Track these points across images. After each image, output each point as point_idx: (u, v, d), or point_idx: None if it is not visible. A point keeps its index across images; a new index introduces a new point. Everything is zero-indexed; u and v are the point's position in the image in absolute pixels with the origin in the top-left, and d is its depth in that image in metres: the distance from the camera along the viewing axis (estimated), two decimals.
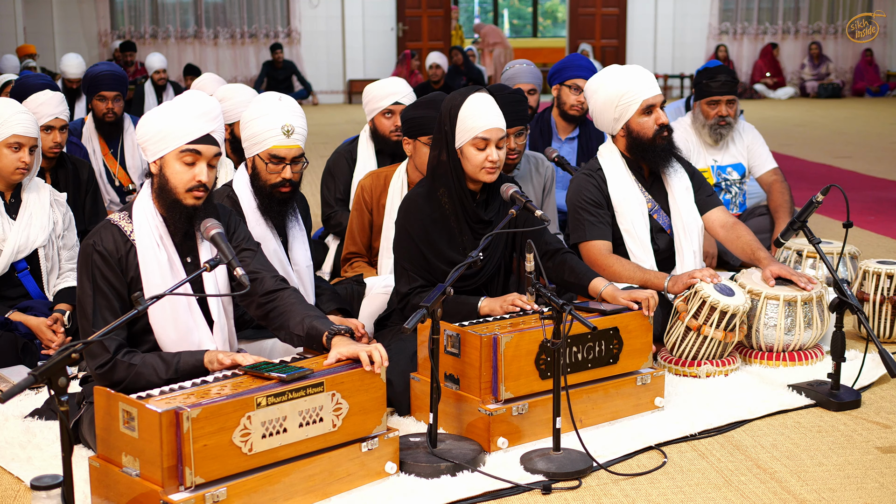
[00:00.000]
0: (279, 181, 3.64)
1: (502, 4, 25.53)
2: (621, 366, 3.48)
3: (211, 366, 3.00)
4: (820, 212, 6.85)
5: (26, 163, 4.13)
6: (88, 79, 6.20)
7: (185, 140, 3.05)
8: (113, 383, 2.98)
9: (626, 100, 4.15)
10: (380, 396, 2.96)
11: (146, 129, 3.10)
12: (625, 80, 4.17)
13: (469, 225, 3.67)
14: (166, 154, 3.07)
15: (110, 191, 6.09)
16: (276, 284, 3.21)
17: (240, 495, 2.65)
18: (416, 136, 4.30)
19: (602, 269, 4.08)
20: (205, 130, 3.07)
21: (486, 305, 3.61)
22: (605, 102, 4.19)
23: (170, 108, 3.11)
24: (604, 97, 4.19)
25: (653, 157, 4.20)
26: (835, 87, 18.84)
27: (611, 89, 4.17)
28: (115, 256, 3.08)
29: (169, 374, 2.98)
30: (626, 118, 4.17)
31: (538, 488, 2.96)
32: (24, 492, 3.00)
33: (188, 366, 3.01)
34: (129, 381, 2.97)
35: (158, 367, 3.00)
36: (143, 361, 3.01)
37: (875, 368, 3.88)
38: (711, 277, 3.86)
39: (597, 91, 4.23)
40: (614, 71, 4.25)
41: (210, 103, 3.14)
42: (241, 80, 17.53)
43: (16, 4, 16.33)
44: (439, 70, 12.94)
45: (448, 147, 3.60)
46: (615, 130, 4.24)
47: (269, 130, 3.59)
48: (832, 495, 2.93)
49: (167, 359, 3.02)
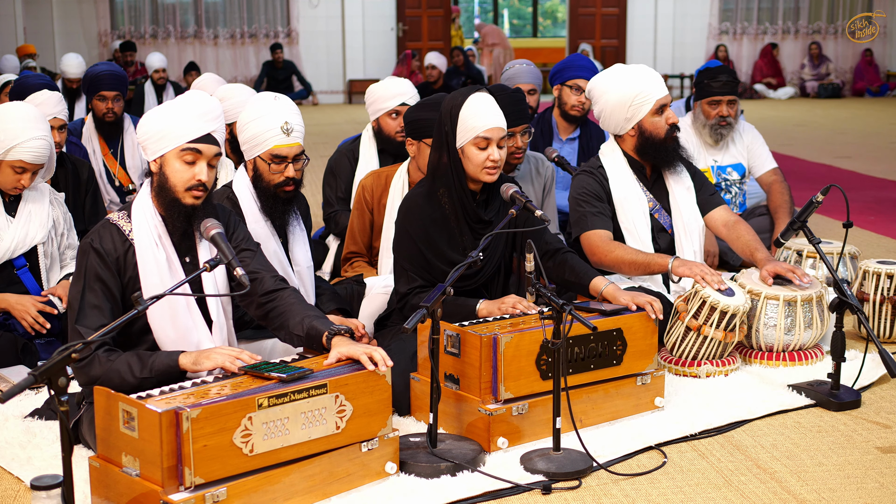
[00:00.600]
0: (283, 181, 3.64)
1: (502, 4, 25.52)
2: (625, 367, 3.47)
3: (195, 366, 2.94)
4: (820, 212, 6.85)
5: (24, 185, 4.10)
6: (88, 79, 6.20)
7: (186, 139, 3.05)
8: (90, 379, 2.95)
9: (639, 100, 4.15)
10: (385, 399, 2.95)
11: (147, 127, 3.10)
12: (637, 79, 4.17)
13: (469, 225, 3.67)
14: (167, 153, 3.07)
15: (110, 191, 6.09)
16: (275, 284, 3.21)
17: (240, 495, 2.65)
18: (420, 138, 4.29)
19: (604, 255, 4.09)
20: (205, 130, 3.08)
21: (485, 308, 3.60)
22: (618, 102, 4.18)
23: (171, 107, 3.11)
24: (616, 97, 4.18)
25: (664, 156, 4.22)
26: (835, 87, 18.84)
27: (624, 89, 4.16)
28: (112, 256, 3.07)
29: (143, 374, 2.93)
30: (638, 118, 4.18)
31: (538, 488, 2.96)
32: (24, 492, 3.00)
33: (163, 365, 2.95)
34: (103, 378, 2.92)
35: (133, 364, 2.94)
36: (119, 358, 2.96)
37: (875, 368, 3.88)
38: (719, 284, 3.85)
39: (607, 91, 4.22)
40: (624, 71, 4.25)
41: (211, 103, 3.14)
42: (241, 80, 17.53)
43: (16, 4, 16.33)
44: (435, 70, 12.94)
45: (448, 147, 3.60)
46: (624, 130, 4.24)
47: (269, 131, 3.58)
48: (832, 495, 2.93)
49: (143, 357, 2.97)
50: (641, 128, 4.19)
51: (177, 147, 3.06)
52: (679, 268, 3.95)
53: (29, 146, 4.01)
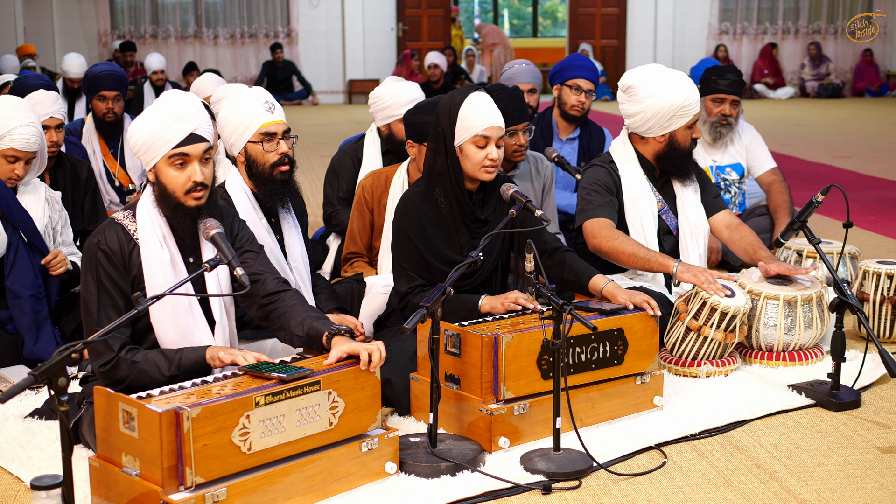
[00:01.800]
0: (278, 158, 3.66)
1: (502, 4, 25.53)
2: (626, 367, 3.47)
3: (213, 362, 3.02)
4: (820, 212, 6.84)
5: (19, 175, 4.13)
6: (88, 79, 6.20)
7: (170, 145, 3.04)
8: (116, 381, 2.99)
9: (684, 111, 4.16)
10: (374, 394, 2.97)
11: (134, 140, 3.10)
12: (684, 90, 4.16)
13: (466, 224, 3.67)
14: (157, 162, 3.08)
15: (110, 191, 6.09)
16: (277, 286, 3.22)
17: (240, 495, 2.65)
18: (421, 141, 4.28)
19: (605, 241, 4.09)
20: (187, 131, 3.05)
21: (487, 304, 3.61)
22: (664, 108, 4.14)
23: (149, 117, 3.08)
24: (664, 103, 4.14)
25: (682, 167, 4.27)
26: (835, 87, 18.84)
27: (673, 97, 4.14)
28: (118, 255, 3.08)
29: (171, 371, 2.99)
30: (674, 127, 4.18)
31: (538, 488, 2.96)
32: (24, 492, 3.00)
33: (190, 362, 3.02)
34: (132, 379, 2.98)
35: (161, 363, 3.01)
36: (145, 358, 3.02)
37: (875, 368, 3.88)
38: (723, 292, 3.85)
39: (654, 94, 4.16)
40: (672, 78, 4.21)
41: (184, 102, 3.09)
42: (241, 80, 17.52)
43: (16, 4, 16.33)
44: (437, 70, 12.94)
45: (446, 146, 3.60)
46: (653, 134, 4.22)
47: (253, 112, 3.64)
48: (832, 495, 2.93)
49: (169, 355, 3.03)
50: (673, 137, 4.20)
51: (164, 155, 3.06)
52: (683, 274, 3.94)
53: (18, 133, 4.09)
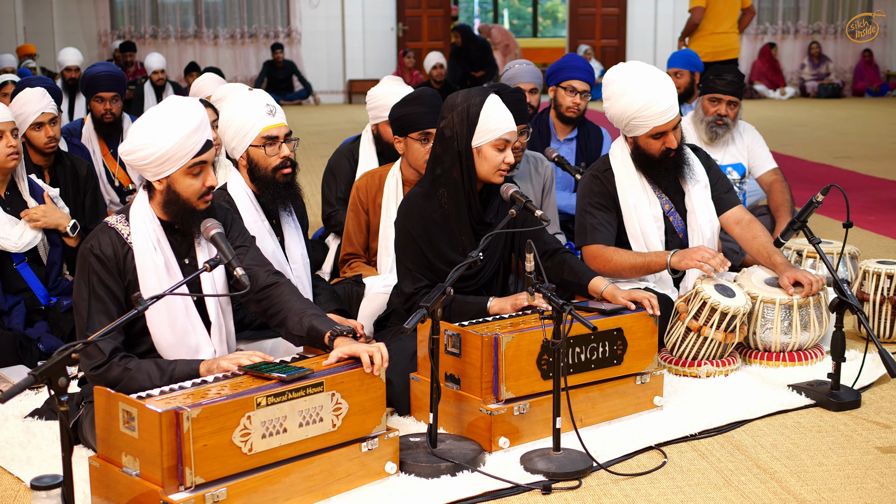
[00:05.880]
0: (280, 162, 3.67)
1: (502, 4, 25.52)
2: (626, 367, 3.47)
3: (209, 374, 2.98)
4: (820, 212, 6.84)
5: (14, 146, 4.14)
6: (86, 79, 6.20)
7: (191, 156, 3.04)
8: (107, 384, 2.96)
9: (635, 123, 4.03)
10: (379, 396, 2.96)
11: (142, 153, 3.01)
12: (641, 98, 3.96)
13: (471, 226, 3.66)
14: (173, 173, 3.06)
15: (110, 191, 6.09)
16: (269, 279, 3.21)
17: (240, 495, 2.65)
18: (406, 134, 4.29)
19: (605, 264, 4.06)
20: (203, 140, 3.06)
21: (496, 305, 3.60)
22: (620, 112, 4.04)
23: (164, 130, 3.00)
24: (619, 107, 4.04)
25: (655, 173, 4.13)
26: (835, 87, 18.83)
27: (626, 103, 4.00)
28: (112, 260, 3.07)
29: (163, 382, 2.96)
30: (636, 133, 4.07)
31: (538, 488, 2.96)
32: (24, 492, 3.00)
33: (183, 374, 2.99)
34: (122, 385, 2.96)
35: (153, 373, 2.98)
36: (138, 367, 3.00)
37: (875, 368, 3.88)
38: (723, 264, 3.81)
39: (612, 97, 4.07)
40: (636, 81, 4.00)
41: (199, 113, 3.06)
42: (241, 80, 17.51)
43: (16, 4, 16.33)
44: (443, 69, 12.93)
45: (459, 147, 3.57)
46: (629, 135, 4.13)
47: (254, 115, 3.64)
48: (832, 495, 2.93)
49: (163, 366, 3.01)
50: (636, 143, 4.11)
51: (184, 166, 3.05)
52: (678, 262, 3.92)
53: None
